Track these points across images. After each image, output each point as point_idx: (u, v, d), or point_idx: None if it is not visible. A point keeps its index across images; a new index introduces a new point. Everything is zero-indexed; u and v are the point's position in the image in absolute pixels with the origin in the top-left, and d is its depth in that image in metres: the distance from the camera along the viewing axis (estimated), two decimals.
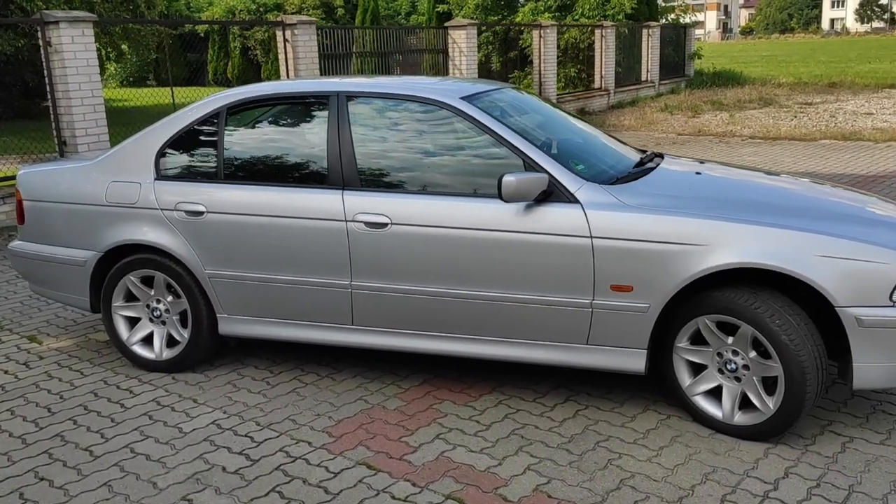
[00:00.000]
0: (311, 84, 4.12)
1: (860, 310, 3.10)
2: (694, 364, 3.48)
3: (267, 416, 3.74)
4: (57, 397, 4.00)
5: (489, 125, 3.65)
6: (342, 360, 4.34)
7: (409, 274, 3.68)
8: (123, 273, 4.19)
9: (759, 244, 3.19)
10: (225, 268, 3.99)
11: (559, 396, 3.85)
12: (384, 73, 13.77)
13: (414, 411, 3.74)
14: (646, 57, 21.80)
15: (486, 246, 3.53)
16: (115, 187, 4.18)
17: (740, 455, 3.25)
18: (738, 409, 3.37)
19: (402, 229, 3.65)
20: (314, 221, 3.79)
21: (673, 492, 3.01)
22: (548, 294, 3.49)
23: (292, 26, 10.93)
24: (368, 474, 3.20)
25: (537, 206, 3.48)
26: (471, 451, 3.36)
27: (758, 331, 3.19)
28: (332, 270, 3.80)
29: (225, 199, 3.96)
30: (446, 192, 3.67)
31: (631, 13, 22.26)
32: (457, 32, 14.34)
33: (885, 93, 20.92)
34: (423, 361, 4.27)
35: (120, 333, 4.29)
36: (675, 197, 3.50)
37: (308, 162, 3.92)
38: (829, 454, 3.24)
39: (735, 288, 3.26)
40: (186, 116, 4.17)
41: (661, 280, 3.30)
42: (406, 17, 32.59)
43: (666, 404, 3.71)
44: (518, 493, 3.03)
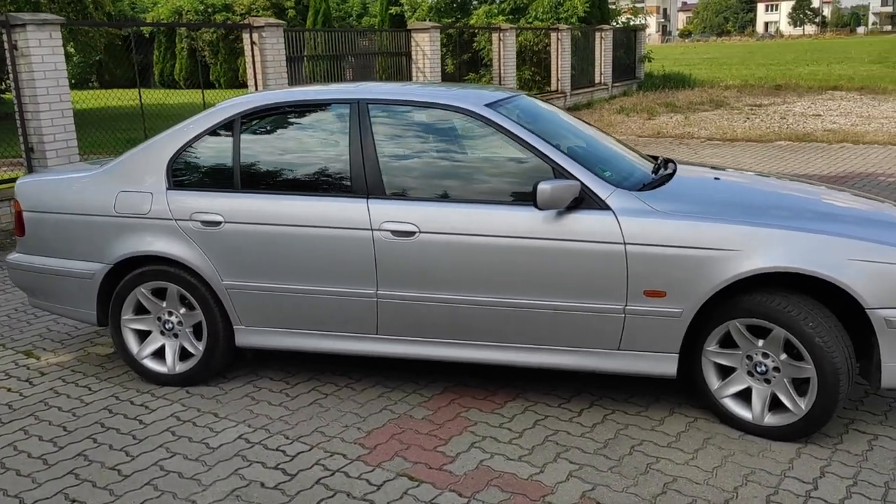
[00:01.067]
0: (330, 91, 4.08)
1: (889, 311, 3.20)
2: (722, 367, 3.54)
3: (294, 428, 3.69)
4: (69, 415, 3.87)
5: (516, 132, 3.66)
6: (359, 369, 4.30)
7: (437, 282, 3.66)
8: (134, 285, 4.07)
9: (791, 249, 3.27)
10: (243, 278, 3.91)
11: (584, 401, 3.88)
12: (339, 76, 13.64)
13: (443, 420, 3.73)
14: (599, 60, 22.12)
15: (517, 253, 3.54)
16: (124, 197, 4.06)
17: (774, 456, 3.33)
18: (767, 410, 3.45)
19: (430, 237, 3.64)
20: (339, 230, 3.75)
21: (718, 494, 3.06)
22: (580, 300, 3.52)
23: (259, 29, 10.78)
24: (412, 486, 3.18)
25: (568, 213, 3.50)
26: (509, 459, 3.37)
27: (791, 333, 3.27)
28: (357, 279, 3.76)
29: (243, 209, 3.88)
30: (474, 200, 3.67)
31: (583, 16, 22.58)
32: (420, 35, 14.34)
33: (829, 94, 21.62)
34: (441, 370, 4.26)
35: (129, 347, 4.17)
36: (702, 202, 3.57)
37: (330, 170, 3.87)
38: (859, 452, 3.34)
39: (767, 292, 3.34)
40: (198, 125, 4.08)
41: (694, 285, 3.36)
42: (357, 18, 32.43)
43: (691, 407, 3.78)
44: (566, 501, 3.05)
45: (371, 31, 16.04)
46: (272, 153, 3.98)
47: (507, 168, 3.74)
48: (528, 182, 3.61)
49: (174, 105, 13.99)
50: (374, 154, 3.79)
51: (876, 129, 14.37)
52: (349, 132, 3.85)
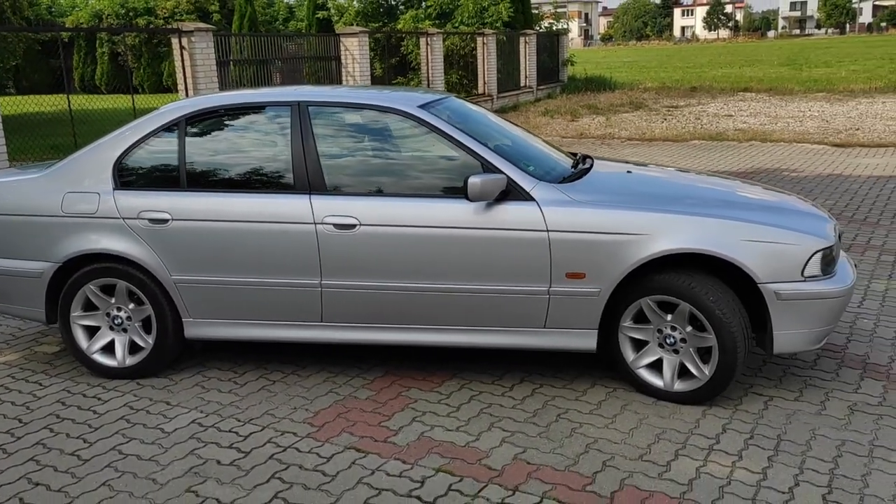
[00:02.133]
0: (270, 94, 4.32)
1: (778, 285, 3.64)
2: (636, 341, 3.93)
3: (244, 412, 3.91)
4: (23, 408, 4.01)
5: (447, 131, 3.98)
6: (304, 357, 4.54)
7: (377, 271, 3.95)
8: (82, 283, 4.23)
9: (694, 232, 3.68)
10: (192, 273, 4.12)
11: (515, 378, 4.22)
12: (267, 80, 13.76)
13: (385, 399, 4.01)
14: (524, 63, 22.71)
15: (450, 242, 3.86)
16: (71, 198, 4.22)
17: (682, 417, 3.73)
18: (676, 377, 3.84)
19: (370, 230, 3.92)
20: (283, 225, 4.00)
21: (633, 451, 3.43)
22: (509, 284, 3.85)
23: (189, 33, 10.85)
24: (359, 457, 3.45)
25: (497, 205, 3.83)
26: (447, 430, 3.68)
27: (695, 307, 3.67)
28: (301, 271, 4.01)
29: (190, 207, 4.09)
30: (409, 194, 3.97)
31: (508, 21, 23.12)
32: (349, 40, 14.56)
33: (740, 96, 22.70)
34: (383, 354, 4.54)
35: (79, 343, 4.32)
36: (616, 193, 3.95)
37: (273, 169, 4.12)
38: (755, 411, 3.77)
39: (673, 271, 3.74)
40: (143, 127, 4.26)
41: (610, 266, 3.73)
42: (284, 23, 32.37)
43: (611, 379, 4.15)
44: (500, 462, 3.37)
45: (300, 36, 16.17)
46: (216, 153, 4.19)
47: (440, 165, 4.05)
48: (458, 177, 3.92)
49: (98, 110, 13.85)
50: (314, 153, 4.05)
51: (782, 128, 15.26)
52: (290, 132, 4.10)
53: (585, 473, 3.26)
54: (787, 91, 23.26)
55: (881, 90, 22.33)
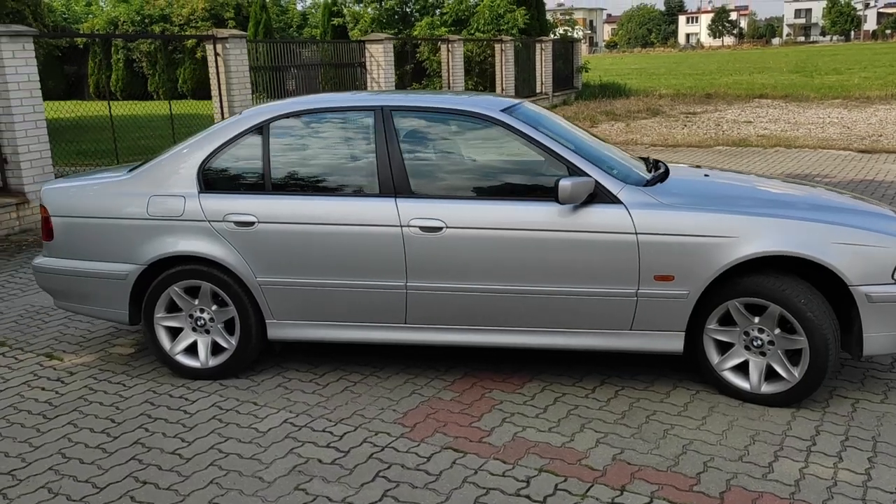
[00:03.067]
0: (353, 99, 4.38)
1: (869, 287, 3.67)
2: (721, 343, 3.96)
3: (333, 412, 3.95)
4: (113, 409, 4.05)
5: (531, 134, 4.03)
6: (381, 359, 4.58)
7: (462, 273, 3.99)
8: (167, 285, 4.28)
9: (784, 235, 3.72)
10: (277, 275, 4.16)
11: (595, 380, 4.25)
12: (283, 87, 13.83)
13: (470, 400, 4.05)
14: (540, 70, 22.80)
15: (537, 245, 3.90)
16: (157, 201, 4.27)
17: (772, 419, 3.76)
18: (763, 380, 3.88)
19: (456, 232, 3.96)
20: (369, 228, 4.04)
21: (731, 452, 3.46)
22: (596, 286, 3.89)
23: (224, 40, 10.92)
24: (458, 456, 3.49)
25: (583, 208, 3.87)
26: (540, 430, 3.71)
27: (785, 309, 3.71)
28: (387, 273, 4.06)
29: (276, 210, 4.14)
30: (495, 197, 4.02)
31: (524, 28, 23.26)
32: (374, 46, 14.64)
33: (756, 102, 22.77)
34: (459, 356, 4.57)
35: (162, 344, 4.37)
36: (701, 196, 4.00)
37: (358, 172, 4.17)
38: (845, 413, 3.80)
39: (763, 273, 3.77)
40: (227, 131, 4.32)
41: (699, 269, 3.77)
42: (298, 29, 32.49)
43: (691, 381, 4.18)
44: (601, 463, 3.41)
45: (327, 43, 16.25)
46: (301, 157, 4.25)
47: (524, 168, 4.10)
48: (543, 180, 3.98)
49: (119, 116, 13.72)
50: (399, 156, 4.10)
51: (804, 134, 15.31)
52: (375, 137, 4.15)
53: (688, 474, 3.30)
54: (803, 98, 23.32)
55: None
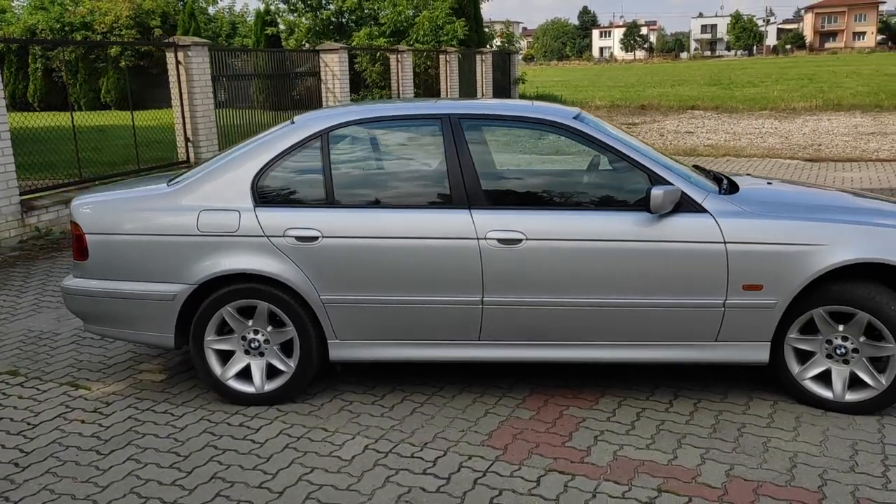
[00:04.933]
0: (417, 106, 4.18)
1: None
2: (801, 352, 3.93)
3: (413, 436, 3.74)
4: (172, 441, 3.73)
5: (609, 143, 3.93)
6: (439, 379, 4.38)
7: (543, 286, 3.84)
8: (220, 305, 3.98)
9: (871, 242, 3.72)
10: (343, 292, 3.92)
11: (668, 393, 4.17)
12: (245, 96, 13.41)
13: (551, 418, 3.90)
14: (480, 81, 22.88)
15: (622, 255, 3.79)
16: (208, 216, 3.97)
17: (862, 427, 3.74)
18: (847, 388, 3.86)
19: (537, 244, 3.82)
20: (443, 241, 3.85)
21: (841, 464, 3.42)
22: (682, 297, 3.80)
23: (186, 48, 10.48)
24: (567, 479, 3.34)
25: (669, 217, 3.79)
26: (638, 448, 3.60)
27: (875, 317, 3.70)
28: (461, 288, 3.87)
29: (341, 223, 3.91)
30: (575, 207, 3.90)
31: (463, 39, 23.34)
32: (329, 56, 14.35)
33: (690, 114, 23.45)
34: (517, 373, 4.42)
35: (213, 369, 4.06)
36: (781, 204, 3.97)
37: (428, 183, 3.98)
38: None
39: (851, 281, 3.76)
40: (280, 141, 4.06)
41: (789, 277, 3.73)
42: (227, 39, 31.68)
43: (764, 391, 4.14)
44: (717, 480, 3.31)
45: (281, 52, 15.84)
46: (365, 167, 4.04)
47: (602, 176, 4.00)
48: (623, 189, 3.89)
49: (37, 128, 12.81)
50: (471, 166, 3.93)
51: (747, 144, 15.81)
52: (444, 146, 3.96)
53: (810, 488, 3.23)
54: (733, 109, 24.14)
55: (821, 108, 23.42)
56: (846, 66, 49.79)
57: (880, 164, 12.72)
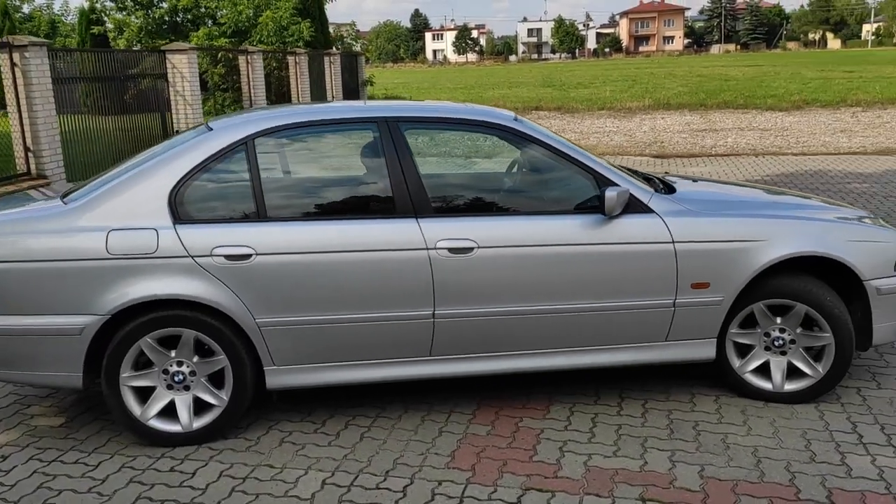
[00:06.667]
0: (352, 109, 3.90)
1: (878, 281, 3.89)
2: (741, 346, 4.01)
3: (370, 464, 3.47)
4: (95, 496, 3.24)
5: (553, 144, 3.83)
6: (376, 399, 4.11)
7: (497, 296, 3.68)
8: (137, 336, 3.52)
9: (807, 236, 3.84)
10: (281, 314, 3.58)
11: (614, 395, 4.12)
12: None
13: (508, 432, 3.75)
14: (330, 83, 22.44)
15: (576, 259, 3.70)
16: (119, 236, 3.49)
17: (806, 415, 3.85)
18: (785, 378, 3.97)
19: (489, 252, 3.65)
20: (390, 253, 3.61)
21: (800, 454, 3.48)
22: (634, 298, 3.77)
23: (22, 48, 9.46)
24: (549, 496, 3.20)
25: (619, 219, 3.73)
26: (606, 456, 3.51)
27: (813, 308, 3.82)
28: (411, 301, 3.64)
29: (277, 239, 3.56)
30: (525, 212, 3.76)
31: (309, 40, 22.80)
32: (177, 57, 13.50)
33: (535, 114, 24.10)
34: (453, 387, 4.21)
35: (131, 409, 3.59)
36: (718, 202, 4.03)
37: (369, 191, 3.72)
38: (859, 402, 3.99)
39: (788, 275, 3.86)
40: (198, 150, 3.65)
41: (735, 274, 3.78)
42: (47, 39, 29.20)
43: (702, 386, 4.19)
44: (694, 483, 3.28)
45: (127, 53, 14.70)
46: (298, 177, 3.71)
47: (548, 179, 3.88)
48: (570, 192, 3.80)
49: None
50: (415, 171, 3.70)
51: (597, 142, 16.45)
52: (384, 151, 3.71)
53: (783, 483, 3.27)
54: (574, 109, 25.12)
55: (653, 107, 24.81)
56: (662, 68, 53.23)
57: (719, 159, 13.58)
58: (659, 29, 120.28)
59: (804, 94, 25.39)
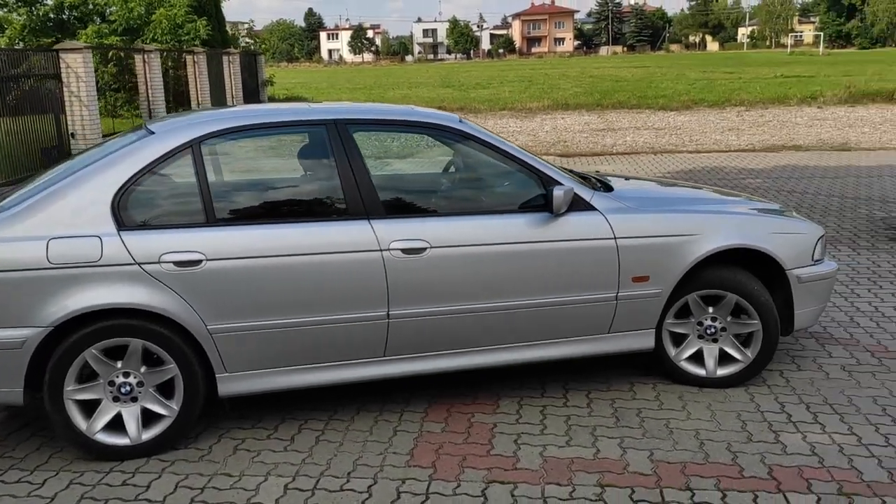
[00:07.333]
0: (296, 111, 3.87)
1: (799, 270, 4.17)
2: (676, 335, 4.21)
3: (330, 467, 3.47)
4: None
5: (498, 145, 3.93)
6: (328, 402, 4.10)
7: (450, 294, 3.75)
8: (81, 348, 3.40)
9: (736, 230, 4.08)
10: (234, 319, 3.53)
11: (558, 388, 4.25)
12: None
13: (463, 428, 3.82)
14: (229, 83, 21.96)
15: (525, 257, 3.80)
16: (60, 245, 3.36)
17: (738, 398, 4.09)
18: (717, 364, 4.20)
19: (441, 252, 3.71)
20: (344, 255, 3.61)
21: (738, 435, 3.70)
22: (580, 293, 3.90)
23: None
24: (511, 488, 3.28)
25: (564, 216, 3.86)
26: (560, 447, 3.62)
27: (742, 297, 4.06)
28: (366, 303, 3.66)
29: (228, 243, 3.51)
30: (475, 211, 3.84)
31: (206, 39, 22.25)
32: (71, 56, 12.91)
33: None
34: (406, 386, 4.25)
35: (76, 424, 3.45)
36: (654, 199, 4.23)
37: (320, 194, 3.71)
38: (783, 384, 4.26)
39: (719, 266, 4.09)
40: (140, 154, 3.55)
41: (672, 267, 3.97)
42: None
43: (639, 375, 4.37)
44: (645, 467, 3.43)
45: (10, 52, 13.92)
46: (247, 180, 3.67)
47: (495, 179, 3.97)
48: (518, 191, 3.91)
49: None
50: (366, 174, 3.72)
51: None
52: (333, 154, 3.71)
53: (727, 462, 3.46)
54: (477, 110, 25.40)
55: (552, 108, 25.42)
56: (555, 69, 54.58)
57: (621, 157, 14.10)
58: (550, 31, 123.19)
59: (692, 95, 26.57)
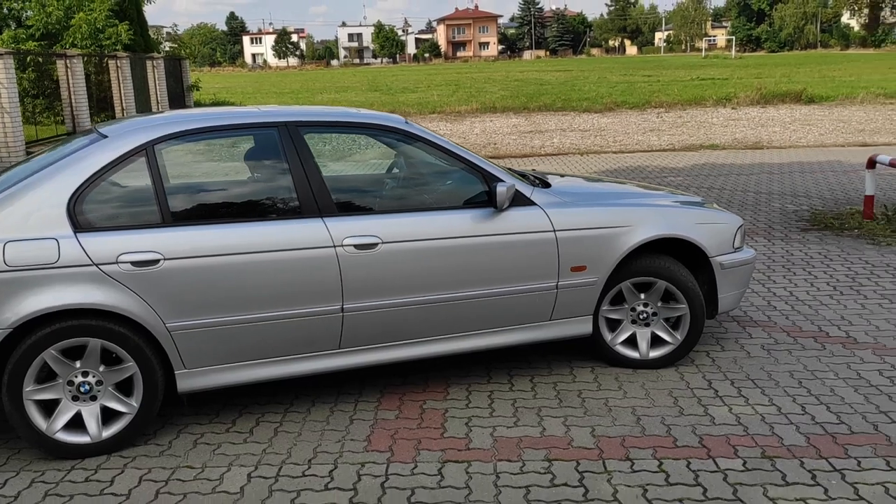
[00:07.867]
0: (248, 115, 3.99)
1: (721, 257, 4.51)
2: (611, 321, 4.49)
3: (292, 455, 3.61)
4: None
5: (444, 145, 4.13)
6: (283, 395, 4.23)
7: (400, 287, 3.93)
8: (40, 349, 3.45)
9: (663, 221, 4.38)
10: (192, 317, 3.63)
11: (503, 374, 4.48)
12: None
13: (416, 414, 4.01)
14: (154, 88, 21.62)
15: (471, 250, 4.02)
16: (17, 248, 3.41)
17: (669, 378, 4.39)
18: (650, 347, 4.50)
19: (392, 247, 3.89)
20: (298, 252, 3.76)
21: (671, 410, 3.99)
22: (523, 283, 4.14)
23: None
24: (465, 465, 3.48)
25: (507, 211, 4.09)
26: (509, 427, 3.85)
27: (671, 283, 4.37)
28: (320, 298, 3.81)
29: (185, 243, 3.61)
30: (423, 208, 4.04)
31: (128, 44, 21.84)
32: None
33: None
34: (359, 378, 4.42)
35: (36, 424, 3.51)
36: (587, 194, 4.50)
37: (274, 194, 3.84)
38: (709, 363, 4.58)
39: (652, 255, 4.39)
40: (95, 157, 3.63)
41: (606, 256, 4.24)
42: None
43: (578, 359, 4.64)
44: (588, 442, 3.68)
45: None
46: (201, 181, 3.77)
47: (439, 177, 4.17)
48: (462, 188, 4.12)
49: None
50: (318, 174, 3.87)
51: None
52: (286, 155, 3.85)
53: (662, 434, 3.74)
54: (408, 114, 25.55)
55: (480, 111, 25.79)
56: (481, 73, 55.15)
57: (549, 158, 14.51)
58: (475, 35, 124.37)
59: (613, 97, 27.33)
